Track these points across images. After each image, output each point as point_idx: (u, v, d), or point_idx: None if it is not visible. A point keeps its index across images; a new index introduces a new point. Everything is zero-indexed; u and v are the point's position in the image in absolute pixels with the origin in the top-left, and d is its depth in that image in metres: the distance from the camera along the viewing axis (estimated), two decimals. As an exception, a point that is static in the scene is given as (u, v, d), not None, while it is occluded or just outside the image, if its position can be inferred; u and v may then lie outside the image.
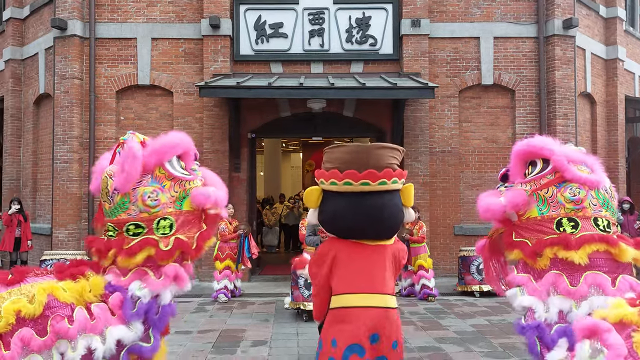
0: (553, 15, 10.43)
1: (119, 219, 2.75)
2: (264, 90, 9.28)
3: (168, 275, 2.71)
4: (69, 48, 10.25)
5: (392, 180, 2.59)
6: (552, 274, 2.56)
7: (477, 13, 10.66)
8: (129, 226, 2.72)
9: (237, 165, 10.38)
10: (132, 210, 2.73)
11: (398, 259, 2.76)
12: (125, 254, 2.66)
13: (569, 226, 2.57)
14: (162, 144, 2.81)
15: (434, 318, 7.18)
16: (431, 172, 10.40)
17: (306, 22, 10.41)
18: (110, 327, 2.56)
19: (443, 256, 10.36)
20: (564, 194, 2.61)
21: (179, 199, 2.78)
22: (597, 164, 2.75)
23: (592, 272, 2.49)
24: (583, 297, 2.45)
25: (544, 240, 2.60)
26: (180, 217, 2.76)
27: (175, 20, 10.52)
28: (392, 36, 10.46)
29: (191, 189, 2.81)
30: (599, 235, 2.52)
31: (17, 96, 11.95)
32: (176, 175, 2.81)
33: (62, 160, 10.18)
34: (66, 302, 2.49)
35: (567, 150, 2.76)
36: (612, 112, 12.15)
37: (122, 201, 2.75)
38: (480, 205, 2.81)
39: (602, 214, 2.61)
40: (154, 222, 2.72)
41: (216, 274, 8.48)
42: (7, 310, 2.35)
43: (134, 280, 2.69)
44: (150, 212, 2.72)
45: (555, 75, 10.39)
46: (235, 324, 6.85)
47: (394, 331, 2.61)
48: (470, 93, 10.70)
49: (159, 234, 2.72)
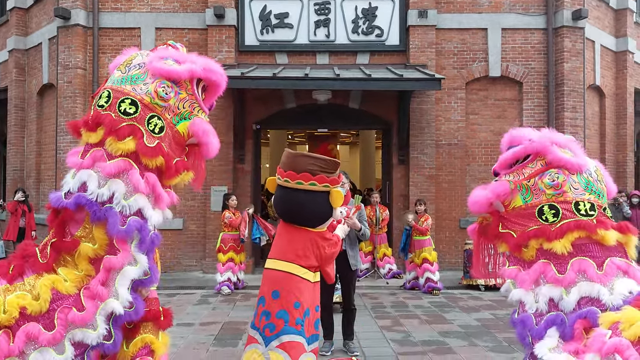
0: (562, 6, 10.26)
1: (121, 88, 2.59)
2: (269, 81, 9.19)
3: (149, 181, 2.51)
4: (72, 38, 10.18)
5: (310, 182, 3.29)
6: (540, 263, 2.56)
7: (485, 4, 10.50)
8: (125, 99, 2.54)
9: (241, 156, 10.31)
10: (139, 88, 2.57)
11: (317, 244, 3.42)
12: (116, 134, 2.47)
13: (550, 214, 2.55)
14: (211, 67, 2.71)
15: (438, 312, 7.12)
16: (437, 165, 10.30)
17: (312, 13, 10.29)
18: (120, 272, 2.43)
19: (448, 249, 10.28)
20: (543, 180, 2.60)
21: (181, 116, 2.64)
22: (580, 148, 2.75)
23: (578, 258, 2.49)
24: (571, 283, 2.45)
25: (526, 232, 2.60)
26: (170, 130, 2.61)
27: (179, 10, 10.42)
28: (399, 27, 10.32)
29: (196, 116, 2.68)
30: (575, 222, 2.51)
31: (21, 86, 11.91)
32: (196, 95, 2.69)
33: (65, 150, 10.10)
34: (69, 293, 2.43)
35: (551, 134, 2.76)
36: (622, 105, 11.97)
37: (136, 75, 2.61)
38: (469, 199, 2.83)
39: (585, 197, 2.58)
40: (147, 115, 2.55)
41: (219, 266, 8.44)
42: (11, 304, 2.31)
43: (117, 180, 2.46)
44: (153, 100, 2.56)
45: (564, 67, 10.23)
46: (238, 316, 6.80)
47: (290, 290, 3.33)
48: (478, 85, 10.56)
49: (147, 128, 2.54)
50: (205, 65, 2.72)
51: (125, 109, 2.53)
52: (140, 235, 2.49)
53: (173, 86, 2.62)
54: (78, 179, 2.52)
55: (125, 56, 2.76)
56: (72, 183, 2.54)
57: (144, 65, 2.66)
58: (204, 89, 2.79)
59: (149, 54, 2.72)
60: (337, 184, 3.43)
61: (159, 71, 2.61)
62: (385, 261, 9.72)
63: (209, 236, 10.01)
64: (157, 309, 2.82)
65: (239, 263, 8.55)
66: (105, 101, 2.58)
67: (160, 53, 2.71)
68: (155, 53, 2.72)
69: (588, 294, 2.39)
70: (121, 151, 2.50)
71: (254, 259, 10.36)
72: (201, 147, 2.70)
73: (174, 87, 2.62)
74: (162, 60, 2.65)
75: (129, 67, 2.68)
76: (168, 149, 2.59)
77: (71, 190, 2.53)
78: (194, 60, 2.71)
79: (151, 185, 2.53)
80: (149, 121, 2.56)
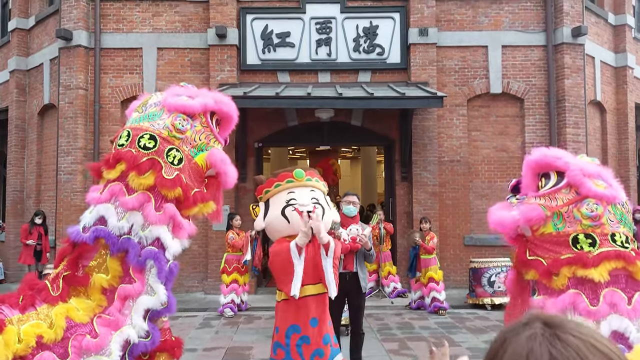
0: (562, 23, 10.32)
1: (140, 125, 2.67)
2: (272, 100, 9.18)
3: (168, 212, 2.53)
4: (74, 58, 10.19)
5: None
6: (570, 294, 2.46)
7: (485, 21, 10.56)
8: (144, 135, 2.61)
9: (243, 175, 10.25)
10: (157, 123, 2.66)
11: None
12: (137, 169, 2.52)
13: (586, 243, 2.46)
14: (222, 100, 2.80)
15: (446, 333, 7.01)
16: (440, 182, 10.26)
17: (313, 32, 10.33)
18: (135, 301, 2.46)
19: (453, 267, 10.19)
20: (580, 209, 2.50)
21: (198, 148, 2.71)
22: (613, 177, 2.66)
23: (609, 289, 2.42)
24: (603, 316, 2.38)
25: (560, 259, 2.50)
26: (189, 163, 2.67)
27: (181, 30, 10.45)
28: (400, 45, 10.36)
29: (212, 147, 2.74)
30: (615, 251, 2.44)
31: (22, 107, 11.89)
32: (211, 127, 2.77)
33: (66, 171, 10.08)
34: (82, 322, 2.44)
35: (582, 162, 2.66)
36: (623, 120, 11.99)
37: (153, 112, 2.70)
38: (492, 218, 2.71)
39: (620, 229, 2.52)
40: (166, 148, 2.61)
41: (223, 287, 8.33)
42: (27, 333, 2.31)
43: (135, 211, 2.49)
44: (170, 133, 2.64)
45: (565, 83, 10.26)
46: (241, 340, 6.69)
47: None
48: (479, 102, 10.58)
49: (167, 160, 2.60)
50: (217, 98, 2.81)
51: (145, 143, 2.60)
52: (157, 265, 2.52)
53: (188, 119, 2.69)
54: (96, 213, 2.57)
55: (141, 99, 2.86)
56: (88, 217, 2.59)
57: (160, 103, 2.75)
58: (217, 123, 2.85)
59: (164, 93, 2.82)
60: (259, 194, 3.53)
61: (174, 106, 2.69)
62: (390, 279, 9.62)
63: (210, 256, 9.91)
64: (171, 338, 2.85)
65: (242, 284, 8.45)
66: (125, 140, 2.64)
67: (174, 91, 2.81)
68: (169, 91, 2.81)
69: (616, 329, 2.32)
70: (143, 186, 2.54)
71: (257, 279, 10.25)
72: (219, 176, 2.74)
73: (189, 120, 2.69)
74: (176, 96, 2.73)
75: (146, 107, 2.77)
76: (187, 180, 2.63)
77: (87, 225, 2.57)
78: (206, 94, 2.81)
79: (170, 215, 2.56)
80: (167, 153, 2.61)
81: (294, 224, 3.25)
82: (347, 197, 5.06)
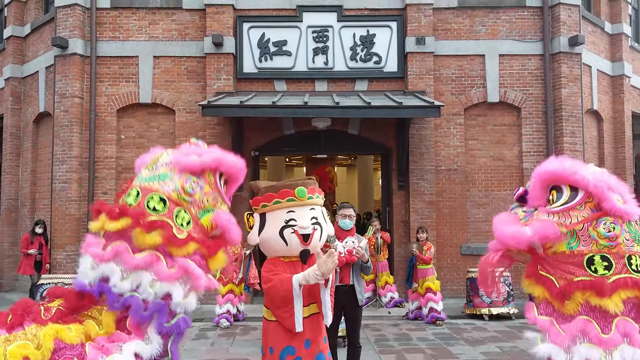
0: (559, 32, 10.34)
1: (149, 185, 2.65)
2: (268, 109, 9.14)
3: (181, 266, 2.51)
4: (69, 66, 10.14)
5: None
6: (582, 320, 2.34)
7: (482, 31, 10.57)
8: (154, 196, 2.59)
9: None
10: (168, 185, 2.65)
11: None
12: (143, 227, 2.48)
13: (602, 266, 2.34)
14: (229, 159, 2.79)
15: (443, 344, 6.95)
16: (437, 191, 10.22)
17: (310, 40, 10.31)
18: (125, 344, 2.40)
19: (450, 277, 10.14)
20: (597, 228, 2.37)
21: (205, 209, 2.70)
22: (628, 192, 2.51)
23: (622, 318, 2.31)
24: (615, 346, 2.27)
25: (574, 282, 2.36)
26: (197, 224, 2.67)
27: (177, 38, 10.42)
28: (397, 54, 10.36)
29: (219, 208, 2.73)
30: (632, 279, 2.32)
31: (17, 114, 11.82)
32: (219, 188, 2.76)
33: (61, 180, 10.00)
34: (73, 343, 2.37)
35: (605, 177, 2.49)
36: (619, 129, 12.00)
37: (164, 173, 2.69)
38: (503, 233, 2.53)
39: (635, 249, 2.40)
40: (175, 209, 2.59)
41: (219, 297, 8.25)
42: (12, 354, 2.24)
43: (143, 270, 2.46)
44: (180, 196, 2.62)
45: (562, 92, 10.26)
46: (237, 352, 6.61)
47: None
48: (476, 111, 10.57)
49: (176, 222, 2.59)
50: (225, 158, 2.81)
51: (155, 206, 2.59)
52: (158, 317, 2.48)
53: (198, 181, 2.71)
54: (100, 272, 2.53)
55: (152, 155, 2.85)
56: (92, 275, 2.53)
57: (170, 163, 2.75)
58: (225, 182, 2.86)
59: (174, 152, 2.83)
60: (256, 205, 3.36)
61: (185, 166, 2.69)
62: (387, 289, 9.56)
63: (207, 266, 9.81)
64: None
65: (239, 294, 8.37)
66: (133, 200, 2.64)
67: (185, 150, 2.82)
68: (179, 150, 2.82)
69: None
70: (148, 245, 2.50)
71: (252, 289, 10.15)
72: (225, 235, 2.74)
73: (199, 182, 2.71)
74: (186, 156, 2.74)
75: (156, 166, 2.76)
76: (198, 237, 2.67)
77: (91, 282, 2.54)
78: (215, 152, 2.82)
79: (183, 269, 2.52)
80: (176, 215, 2.61)
81: (292, 247, 3.18)
82: (342, 209, 4.97)
